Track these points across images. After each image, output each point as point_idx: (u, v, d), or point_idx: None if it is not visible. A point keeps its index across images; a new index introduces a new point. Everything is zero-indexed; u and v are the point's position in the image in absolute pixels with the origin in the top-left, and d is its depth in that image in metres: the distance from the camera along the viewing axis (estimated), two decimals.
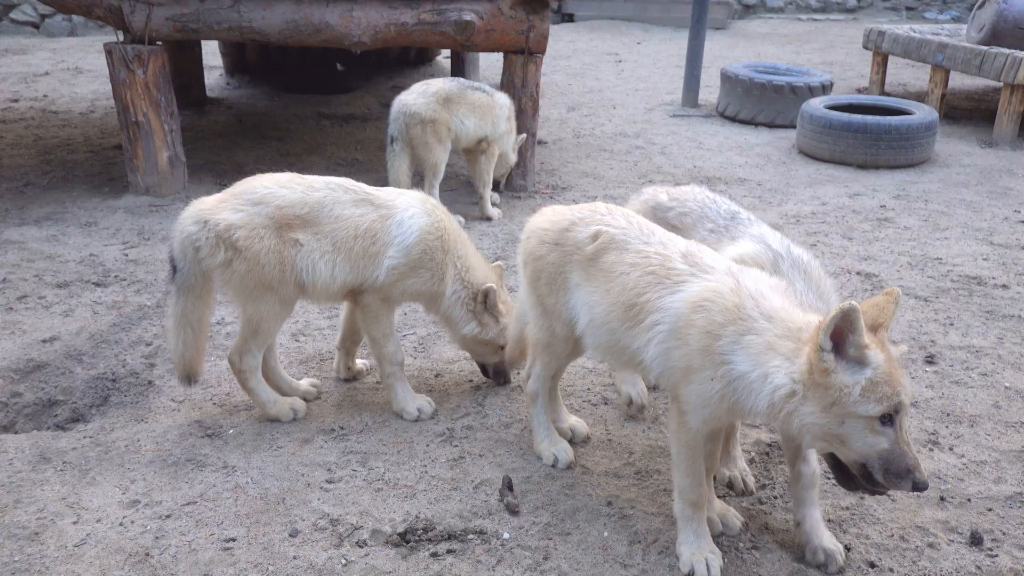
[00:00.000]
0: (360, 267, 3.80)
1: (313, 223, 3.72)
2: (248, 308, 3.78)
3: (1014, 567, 3.13)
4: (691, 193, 3.74)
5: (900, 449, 2.58)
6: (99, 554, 3.11)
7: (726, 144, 9.50)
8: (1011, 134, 9.38)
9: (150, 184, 7.05)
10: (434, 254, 3.89)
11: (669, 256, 3.00)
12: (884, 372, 2.54)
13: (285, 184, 3.76)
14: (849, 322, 2.48)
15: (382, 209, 3.82)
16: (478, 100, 6.85)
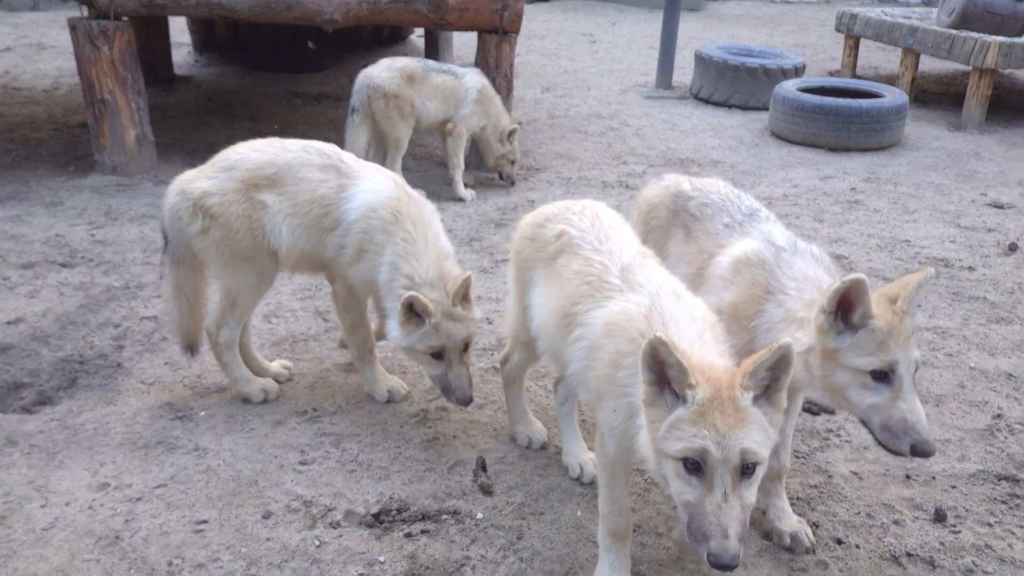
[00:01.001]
0: (316, 238, 3.70)
1: (279, 183, 3.66)
2: (226, 279, 3.79)
3: (976, 543, 3.21)
4: (715, 185, 3.68)
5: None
6: (68, 537, 3.08)
7: (700, 126, 9.53)
8: (979, 118, 9.51)
9: (117, 163, 6.92)
10: (374, 235, 3.62)
11: (608, 268, 2.88)
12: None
13: (259, 148, 3.74)
14: (663, 355, 2.28)
15: (343, 179, 3.68)
16: (442, 83, 6.84)
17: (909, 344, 2.69)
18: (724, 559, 2.16)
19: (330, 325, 4.76)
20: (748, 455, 2.21)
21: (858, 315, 2.69)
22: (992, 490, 3.52)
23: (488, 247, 6.01)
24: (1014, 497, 3.47)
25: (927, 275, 2.75)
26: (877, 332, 2.67)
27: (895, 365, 2.67)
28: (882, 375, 2.68)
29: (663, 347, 2.23)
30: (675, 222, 3.57)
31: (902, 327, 2.69)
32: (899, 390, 2.68)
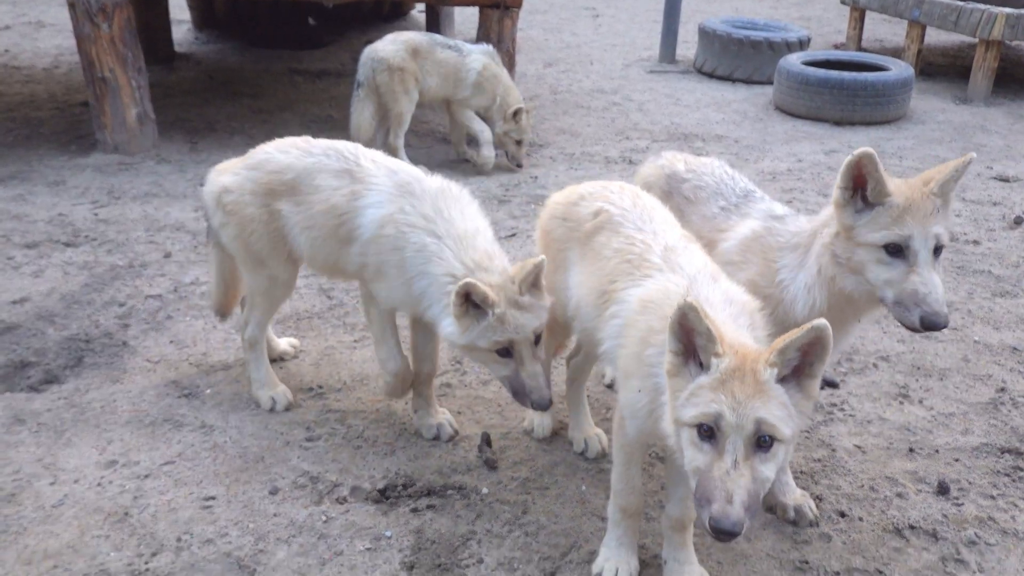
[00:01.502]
0: (336, 250, 3.41)
1: (296, 191, 3.42)
2: (246, 277, 3.72)
3: (979, 515, 3.22)
4: (709, 166, 3.64)
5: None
6: (77, 514, 3.11)
7: (703, 100, 9.46)
8: (985, 90, 9.43)
9: (119, 142, 6.90)
10: (387, 255, 3.26)
11: (651, 247, 2.83)
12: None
13: (285, 148, 3.51)
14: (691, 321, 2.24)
15: (356, 184, 3.34)
16: (446, 59, 6.76)
17: (929, 220, 2.69)
18: (724, 524, 2.09)
19: (334, 303, 4.77)
20: (764, 425, 2.16)
21: (872, 191, 2.72)
22: (995, 463, 3.53)
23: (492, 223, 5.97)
24: (1017, 470, 3.49)
25: (967, 160, 2.75)
26: (893, 208, 2.69)
27: (909, 240, 2.68)
28: (896, 249, 2.69)
29: (693, 313, 2.19)
30: (668, 204, 3.51)
31: (924, 204, 2.69)
32: (914, 264, 2.68)
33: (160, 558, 2.91)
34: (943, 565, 2.98)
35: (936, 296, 2.65)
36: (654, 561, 2.96)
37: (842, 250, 2.80)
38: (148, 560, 2.90)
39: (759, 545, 3.07)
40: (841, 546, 3.07)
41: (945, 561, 3.00)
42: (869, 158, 2.68)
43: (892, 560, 3.01)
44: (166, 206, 6.04)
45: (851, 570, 2.96)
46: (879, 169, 2.69)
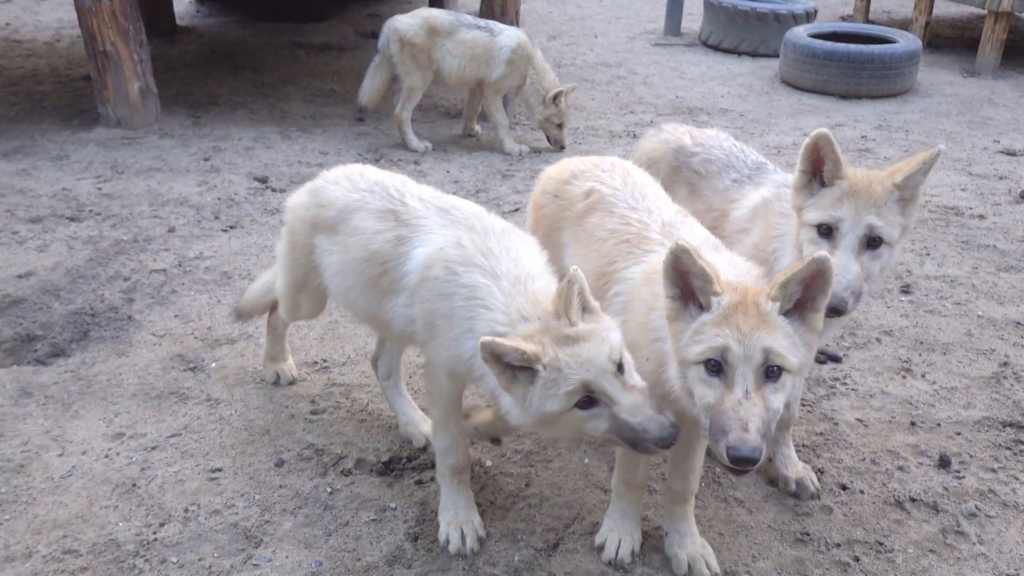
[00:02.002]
0: (377, 302, 2.92)
1: (335, 230, 3.02)
2: (278, 284, 3.49)
3: (979, 487, 3.24)
4: (717, 139, 3.61)
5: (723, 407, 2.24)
6: (86, 485, 3.14)
7: (708, 74, 9.39)
8: (993, 63, 9.33)
9: (122, 116, 6.88)
10: (434, 303, 2.69)
11: (648, 225, 2.82)
12: (718, 316, 2.26)
13: (338, 179, 3.12)
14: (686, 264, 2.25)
15: (402, 228, 2.83)
16: (473, 40, 6.64)
17: (869, 208, 2.69)
18: (743, 451, 2.08)
19: None
20: (771, 355, 2.18)
21: (828, 172, 2.75)
22: (997, 436, 3.55)
23: (495, 198, 5.98)
24: (1018, 443, 3.50)
25: (935, 153, 2.74)
26: (836, 189, 2.72)
27: (839, 222, 2.70)
28: (826, 230, 2.73)
29: (685, 255, 2.22)
30: (677, 179, 3.50)
31: (871, 191, 2.70)
32: (836, 246, 2.70)
33: (168, 528, 2.95)
34: (943, 537, 3.01)
35: (847, 282, 2.64)
36: (656, 532, 2.99)
37: (795, 232, 2.87)
38: (156, 530, 2.94)
39: (760, 517, 3.09)
40: (842, 518, 3.10)
41: (945, 533, 3.02)
42: (825, 139, 2.70)
43: (892, 532, 3.03)
44: (169, 180, 6.03)
45: (852, 542, 2.98)
46: (836, 150, 2.71)
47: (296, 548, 2.89)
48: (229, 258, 4.95)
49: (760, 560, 2.90)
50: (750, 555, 2.93)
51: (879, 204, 2.70)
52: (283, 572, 2.78)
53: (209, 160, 6.45)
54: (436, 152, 6.87)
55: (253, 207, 5.68)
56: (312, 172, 6.24)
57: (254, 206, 5.70)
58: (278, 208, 5.66)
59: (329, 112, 7.76)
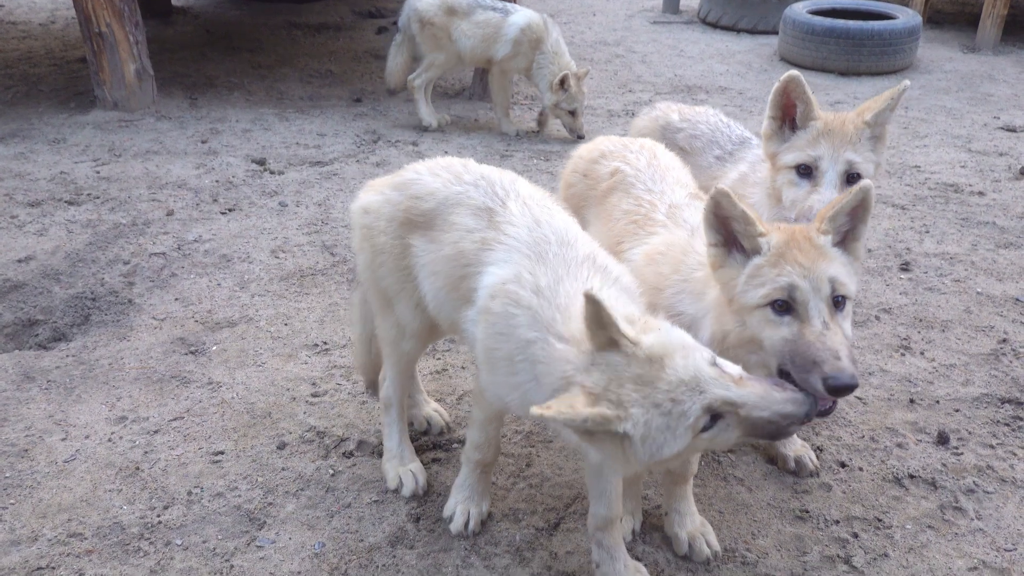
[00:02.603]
0: (456, 309, 2.62)
1: (432, 225, 2.69)
2: (376, 323, 3.04)
3: (977, 464, 3.26)
4: (703, 116, 3.60)
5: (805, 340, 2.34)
6: (89, 469, 3.16)
7: (707, 52, 9.33)
8: (994, 39, 9.28)
9: (118, 98, 6.85)
10: (493, 341, 2.39)
11: (656, 206, 2.84)
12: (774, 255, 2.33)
13: (437, 170, 2.80)
14: (726, 208, 2.33)
15: (490, 231, 2.54)
16: (487, 20, 6.58)
17: (845, 146, 2.73)
18: (843, 379, 2.07)
19: (337, 259, 4.78)
20: (838, 284, 2.21)
21: (801, 115, 2.78)
22: (995, 413, 3.57)
23: None
24: (1016, 419, 3.52)
25: (902, 88, 2.80)
26: (812, 131, 2.75)
27: (818, 160, 2.73)
28: (806, 170, 2.76)
29: (726, 199, 2.24)
30: None
31: (844, 129, 2.74)
32: (818, 184, 2.74)
33: (172, 511, 2.97)
34: (941, 513, 3.03)
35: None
36: (656, 511, 3.01)
37: (770, 181, 2.88)
38: (160, 513, 2.96)
39: (760, 495, 3.12)
40: (841, 495, 3.12)
41: (944, 509, 3.05)
42: (796, 81, 2.75)
43: (891, 508, 3.06)
44: (167, 163, 6.01)
45: (851, 519, 3.01)
46: (807, 92, 2.76)
47: (299, 530, 2.91)
48: (228, 241, 4.94)
49: (760, 537, 2.93)
50: (750, 532, 2.95)
51: (854, 141, 2.78)
52: (286, 554, 2.81)
53: (207, 142, 6.43)
54: (434, 133, 6.85)
55: (251, 189, 5.67)
56: (311, 154, 6.28)
57: (252, 188, 5.69)
58: (276, 190, 5.65)
59: (327, 93, 7.72)
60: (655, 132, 3.60)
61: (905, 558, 2.84)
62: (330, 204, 5.49)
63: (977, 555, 2.84)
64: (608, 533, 2.65)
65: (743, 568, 2.80)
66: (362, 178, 5.87)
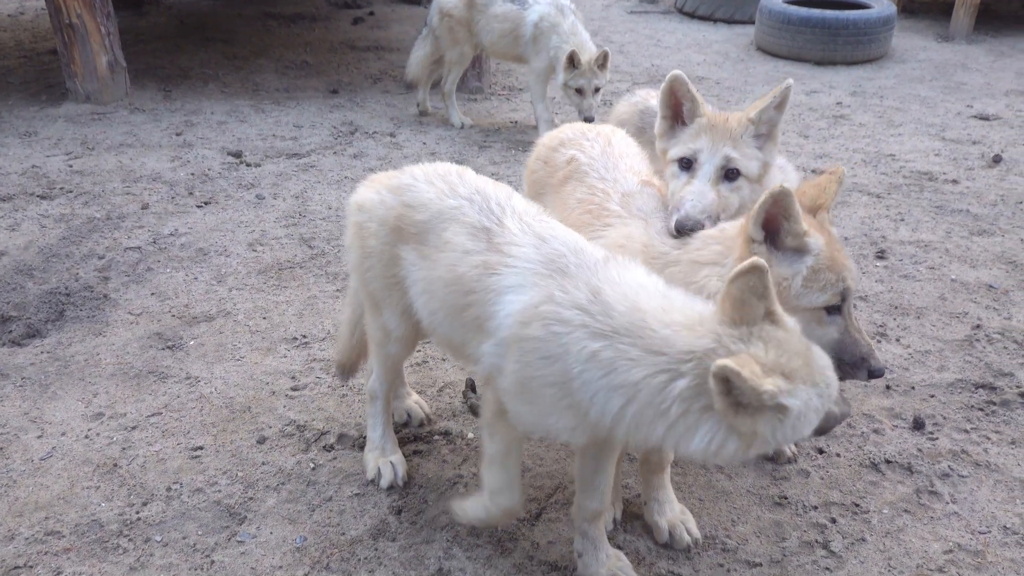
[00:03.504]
0: (461, 334, 2.50)
1: (424, 240, 2.58)
2: (366, 319, 3.00)
3: (952, 448, 3.31)
4: None
5: (852, 337, 2.47)
6: (66, 466, 3.13)
7: (684, 41, 9.35)
8: (967, 28, 9.37)
9: (90, 91, 6.75)
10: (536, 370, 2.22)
11: (610, 195, 2.83)
12: (826, 258, 2.36)
13: (433, 178, 2.69)
14: (783, 207, 2.28)
15: (492, 254, 2.39)
16: (505, 13, 6.32)
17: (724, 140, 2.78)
18: (883, 368, 2.44)
19: (315, 252, 4.75)
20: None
21: (688, 111, 2.83)
22: (970, 398, 3.62)
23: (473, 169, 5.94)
24: (990, 404, 3.57)
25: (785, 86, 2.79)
26: (694, 126, 2.82)
27: (697, 153, 2.79)
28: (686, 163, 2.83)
29: (789, 198, 2.27)
30: (642, 140, 3.52)
31: (727, 126, 2.79)
32: (693, 177, 2.79)
33: (151, 507, 2.95)
34: (917, 497, 3.07)
35: (691, 201, 2.69)
36: (636, 500, 3.03)
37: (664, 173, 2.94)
38: (139, 509, 2.94)
39: (739, 482, 3.14)
40: (819, 481, 3.16)
41: (919, 493, 3.09)
42: (679, 80, 2.78)
43: (868, 493, 3.09)
44: (141, 156, 5.94)
45: (828, 504, 3.04)
46: (691, 90, 2.79)
47: (280, 524, 2.90)
48: (205, 234, 4.90)
49: (739, 524, 2.95)
50: (729, 519, 2.98)
51: (735, 137, 2.79)
52: (267, 548, 2.80)
53: (181, 135, 6.36)
54: (411, 124, 6.81)
55: (228, 182, 5.62)
56: (287, 146, 6.23)
57: (228, 181, 5.63)
58: (253, 183, 5.60)
59: (303, 85, 7.66)
60: (633, 117, 3.62)
61: (882, 542, 2.88)
62: (307, 196, 5.45)
63: (952, 538, 2.89)
64: (595, 524, 2.67)
65: (723, 555, 2.82)
66: (340, 170, 5.84)
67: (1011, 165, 6.13)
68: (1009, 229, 5.13)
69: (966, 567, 2.77)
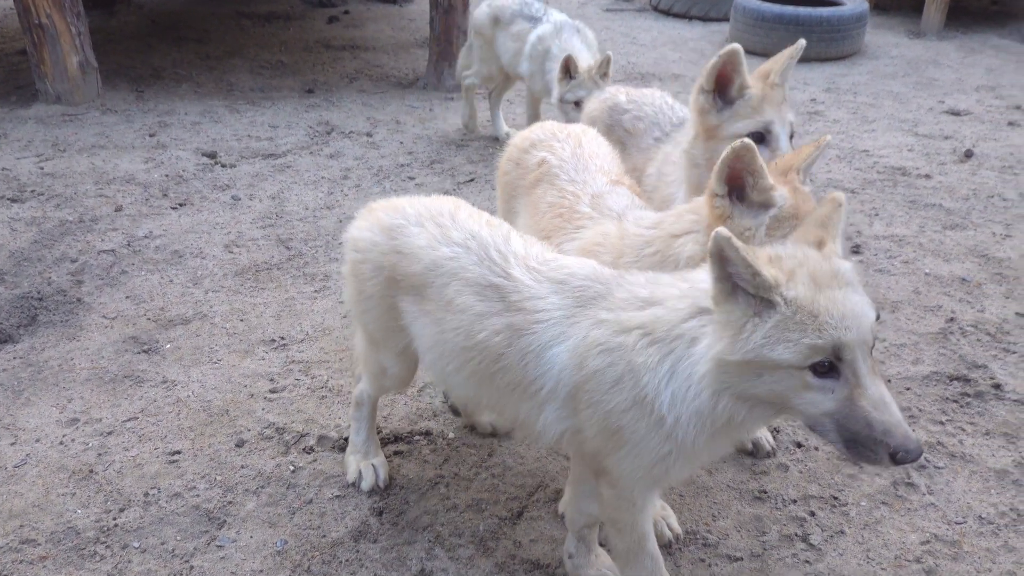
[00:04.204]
0: (495, 395, 2.39)
1: (422, 293, 2.45)
2: (360, 340, 2.96)
3: (928, 440, 3.35)
4: (649, 97, 3.63)
5: None
6: (41, 473, 3.08)
7: (660, 39, 9.39)
8: (938, 24, 9.48)
9: (61, 92, 6.66)
10: (618, 413, 2.10)
11: (580, 198, 2.82)
12: (790, 207, 2.36)
13: (422, 219, 2.51)
14: (745, 162, 2.31)
15: (515, 315, 2.24)
16: (519, 31, 5.87)
17: (783, 108, 2.89)
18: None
19: (293, 253, 4.71)
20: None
21: (736, 88, 2.87)
22: (944, 390, 3.66)
23: (449, 168, 5.94)
24: (965, 396, 3.62)
25: (798, 46, 2.95)
26: (752, 99, 2.85)
27: (770, 125, 2.86)
28: (759, 137, 2.85)
29: (748, 152, 2.27)
30: (611, 137, 3.52)
31: (774, 94, 2.87)
32: (777, 148, 2.85)
33: (128, 513, 2.91)
34: (895, 489, 3.11)
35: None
36: None
37: (702, 151, 2.93)
38: (116, 516, 2.90)
39: (719, 477, 3.16)
40: (798, 475, 3.18)
41: (897, 485, 3.12)
42: (735, 55, 2.82)
43: (847, 486, 3.12)
44: (114, 158, 5.87)
45: (808, 497, 3.07)
46: (744, 64, 2.84)
47: (260, 528, 2.87)
48: (180, 236, 4.85)
49: (720, 519, 2.97)
50: (710, 515, 2.99)
51: (784, 102, 2.93)
52: (247, 552, 2.77)
53: (155, 136, 6.29)
54: (388, 123, 6.78)
55: (202, 183, 5.56)
56: (263, 146, 6.18)
57: (203, 182, 5.58)
58: (228, 184, 5.55)
59: (277, 84, 7.60)
60: (603, 114, 3.63)
61: (861, 534, 2.91)
62: (284, 197, 5.41)
63: (929, 529, 2.92)
64: (593, 529, 2.64)
65: (704, 550, 2.84)
66: (316, 170, 5.81)
67: (982, 160, 6.21)
68: (981, 223, 5.20)
69: (943, 557, 2.81)
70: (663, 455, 2.09)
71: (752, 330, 1.84)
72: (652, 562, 2.39)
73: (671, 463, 2.10)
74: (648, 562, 2.39)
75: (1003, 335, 4.04)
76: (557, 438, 2.28)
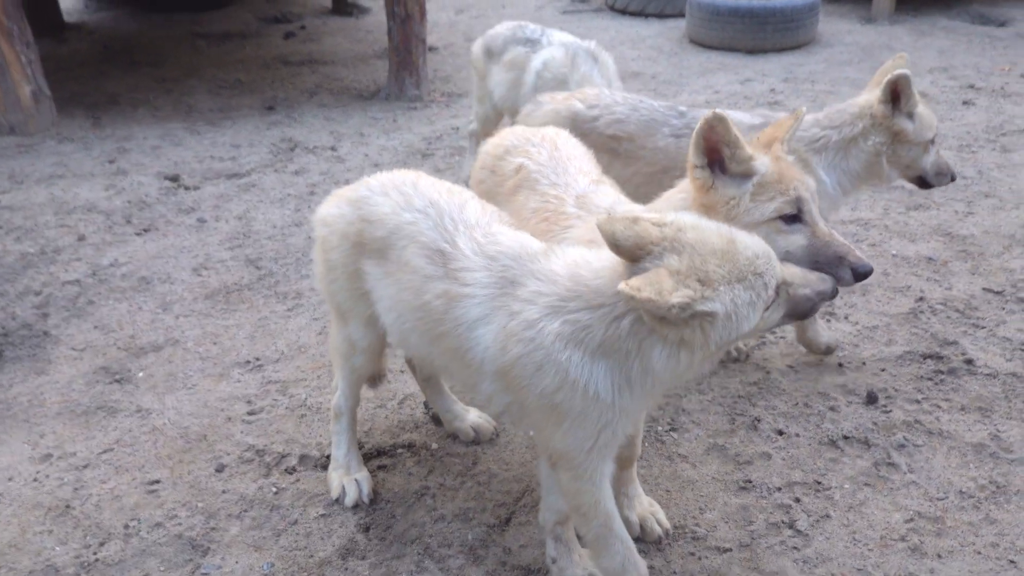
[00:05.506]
0: (441, 357, 2.53)
1: (384, 255, 2.59)
2: (331, 326, 3.06)
3: (906, 419, 3.39)
4: (610, 97, 3.54)
5: (822, 240, 2.48)
6: (16, 512, 3.01)
7: (618, 38, 9.44)
8: (889, 9, 9.63)
9: (15, 122, 6.54)
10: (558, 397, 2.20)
11: (564, 200, 2.81)
12: (774, 173, 2.48)
13: (387, 189, 2.66)
14: (720, 134, 2.39)
15: (452, 283, 2.38)
16: (515, 59, 5.11)
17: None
18: (867, 265, 2.45)
19: (263, 272, 4.66)
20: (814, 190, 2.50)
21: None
22: (919, 369, 3.71)
23: None
24: (939, 373, 3.67)
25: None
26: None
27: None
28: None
29: (720, 123, 2.36)
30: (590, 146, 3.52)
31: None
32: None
33: (109, 547, 2.86)
34: (876, 470, 3.14)
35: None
36: None
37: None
38: (96, 550, 2.84)
39: (704, 470, 3.17)
40: (781, 462, 3.20)
41: (878, 466, 3.16)
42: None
43: (829, 470, 3.15)
44: (74, 187, 5.77)
45: (792, 484, 3.09)
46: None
47: (246, 552, 2.83)
48: (146, 262, 4.78)
49: (707, 511, 2.98)
50: (697, 508, 3.00)
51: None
52: None
53: (114, 162, 6.19)
54: (352, 136, 6.75)
55: (166, 208, 5.49)
56: (226, 167, 6.11)
57: (167, 207, 5.50)
58: (193, 207, 5.48)
59: (237, 103, 7.53)
60: (562, 126, 3.52)
61: (846, 517, 2.93)
62: (251, 217, 5.35)
63: (912, 507, 2.96)
64: (566, 527, 2.66)
65: (693, 543, 2.84)
66: (282, 188, 5.75)
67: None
68: (943, 202, 5.28)
69: (927, 534, 2.84)
70: (606, 423, 2.21)
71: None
72: (622, 545, 2.46)
73: (616, 426, 2.22)
74: (618, 545, 2.45)
75: (971, 311, 4.11)
76: (502, 410, 2.42)
